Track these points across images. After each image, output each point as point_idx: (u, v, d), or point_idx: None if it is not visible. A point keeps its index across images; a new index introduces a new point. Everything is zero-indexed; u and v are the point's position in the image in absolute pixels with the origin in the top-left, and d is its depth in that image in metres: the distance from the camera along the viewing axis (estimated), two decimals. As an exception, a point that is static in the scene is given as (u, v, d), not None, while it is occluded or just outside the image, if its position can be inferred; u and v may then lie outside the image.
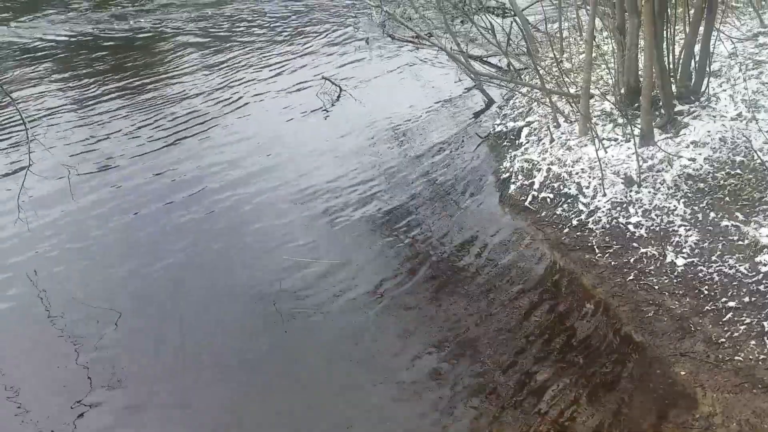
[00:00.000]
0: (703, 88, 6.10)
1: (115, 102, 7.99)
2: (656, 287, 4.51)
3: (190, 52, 10.11)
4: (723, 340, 3.99)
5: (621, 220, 5.17)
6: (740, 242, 4.61)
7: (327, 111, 8.06)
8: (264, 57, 9.88)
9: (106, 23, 11.40)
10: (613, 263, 4.84)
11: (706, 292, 4.35)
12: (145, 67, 9.25)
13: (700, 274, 4.49)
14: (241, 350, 4.34)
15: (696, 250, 4.68)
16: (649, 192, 5.30)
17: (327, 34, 11.05)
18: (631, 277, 4.65)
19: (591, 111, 6.35)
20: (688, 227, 4.89)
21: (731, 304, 4.19)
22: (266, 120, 7.72)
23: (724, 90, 6.20)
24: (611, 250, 4.95)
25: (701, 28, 5.81)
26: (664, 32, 5.83)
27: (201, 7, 12.68)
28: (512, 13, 9.44)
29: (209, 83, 8.85)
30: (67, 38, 10.52)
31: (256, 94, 8.46)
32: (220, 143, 7.16)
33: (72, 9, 12.05)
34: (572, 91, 6.88)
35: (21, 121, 5.04)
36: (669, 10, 5.94)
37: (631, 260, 4.79)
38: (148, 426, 3.80)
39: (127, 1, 12.81)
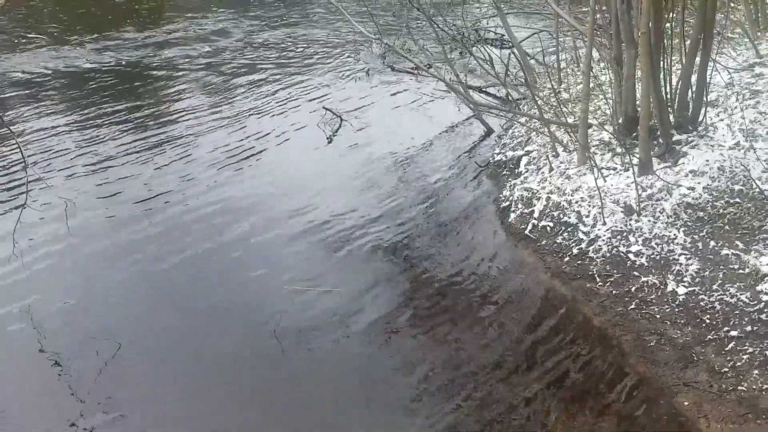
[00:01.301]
0: (700, 118, 6.15)
1: (116, 134, 8.03)
2: (658, 316, 4.49)
3: (192, 82, 10.21)
4: (726, 369, 3.96)
5: (621, 248, 5.17)
6: (741, 271, 4.61)
7: (328, 140, 8.12)
8: (265, 87, 9.99)
9: (107, 55, 11.52)
10: (614, 292, 4.83)
11: (708, 321, 4.34)
12: (147, 101, 9.33)
13: (702, 303, 4.48)
14: (241, 381, 4.31)
15: (697, 279, 4.68)
16: (649, 221, 5.31)
17: (328, 65, 11.18)
18: (632, 306, 4.64)
19: (589, 140, 6.40)
20: (688, 256, 4.89)
21: (733, 333, 4.17)
22: (266, 149, 7.77)
23: (722, 119, 6.26)
24: (612, 279, 4.94)
25: (697, 59, 5.89)
26: (661, 63, 5.91)
27: (203, 39, 12.84)
28: (510, 44, 9.57)
29: (210, 113, 8.93)
30: (67, 70, 10.62)
31: (257, 124, 8.52)
32: (218, 172, 7.19)
33: (72, 41, 12.19)
34: (570, 121, 6.94)
35: (19, 152, 5.06)
36: (665, 41, 6.02)
37: (633, 289, 4.78)
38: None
39: (132, 33, 12.96)
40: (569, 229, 5.60)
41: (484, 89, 9.53)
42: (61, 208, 5.65)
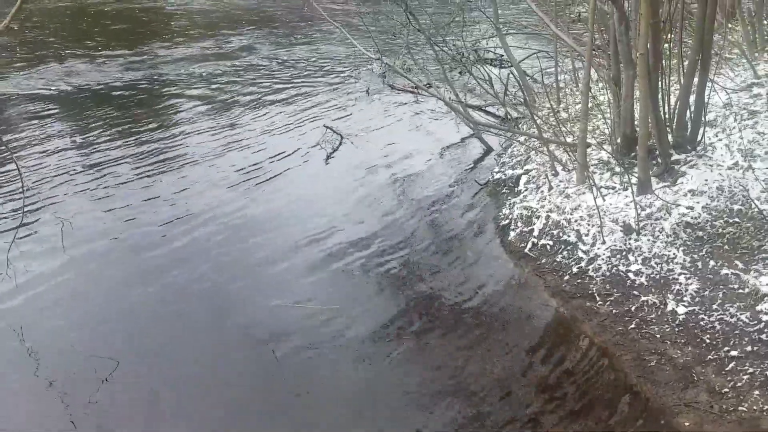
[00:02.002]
0: (699, 138, 6.19)
1: (115, 154, 8.03)
2: (658, 336, 4.48)
3: (193, 102, 10.26)
4: (726, 390, 3.94)
5: (621, 267, 5.17)
6: (741, 291, 4.61)
7: (328, 159, 8.14)
8: (266, 107, 10.05)
9: (111, 74, 11.59)
10: (614, 311, 4.82)
11: (708, 341, 4.32)
12: (148, 121, 9.36)
13: (702, 323, 4.47)
14: (239, 400, 4.28)
15: (697, 299, 4.67)
16: (649, 240, 5.32)
17: (329, 85, 11.26)
18: (632, 326, 4.63)
19: (588, 160, 6.43)
20: (688, 275, 4.89)
21: (733, 353, 4.16)
22: (266, 168, 7.79)
23: (720, 140, 6.29)
24: (612, 298, 4.94)
25: (696, 79, 5.93)
26: (660, 83, 5.96)
27: (204, 59, 12.94)
28: (509, 64, 9.65)
29: (211, 132, 8.97)
30: (68, 90, 10.68)
31: (257, 143, 8.55)
32: (218, 189, 7.20)
33: (74, 61, 12.27)
34: (569, 140, 6.97)
35: (17, 172, 5.06)
36: (663, 62, 6.07)
37: (632, 308, 4.77)
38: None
39: (136, 53, 13.06)
40: (569, 248, 5.60)
41: (483, 108, 9.59)
42: (57, 227, 5.65)
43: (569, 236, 5.70)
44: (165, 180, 7.36)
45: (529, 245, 5.83)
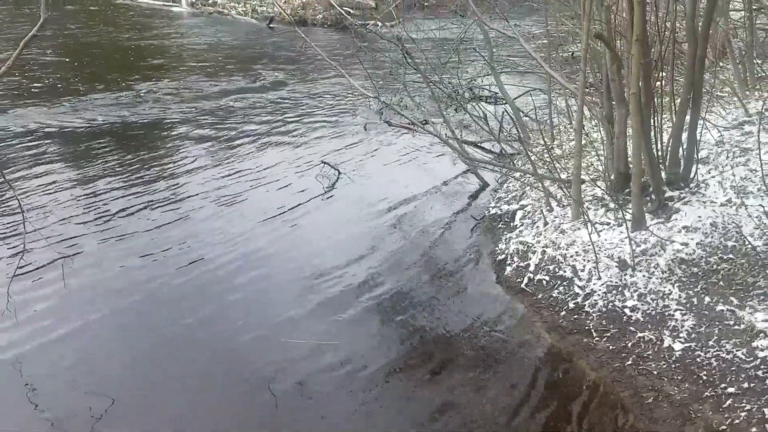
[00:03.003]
0: (692, 175, 6.27)
1: (117, 190, 8.05)
2: (655, 372, 4.48)
3: (193, 138, 10.34)
4: (724, 427, 3.94)
5: (617, 303, 5.20)
6: (736, 327, 4.63)
7: (325, 194, 8.20)
8: (264, 143, 10.13)
9: (110, 111, 11.71)
10: (611, 347, 4.82)
11: (704, 377, 4.33)
12: (147, 157, 9.41)
13: (698, 359, 4.48)
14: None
15: (693, 335, 4.69)
16: (644, 276, 5.35)
17: (326, 121, 11.38)
18: (629, 362, 4.63)
19: (583, 196, 6.50)
20: (683, 311, 4.91)
21: (730, 390, 4.16)
22: (265, 203, 7.83)
23: (713, 176, 6.38)
24: (609, 334, 4.95)
25: (688, 117, 6.04)
26: (652, 121, 6.06)
27: (203, 97, 13.09)
28: (504, 102, 9.81)
29: (210, 168, 9.02)
30: (69, 125, 10.75)
31: (255, 179, 8.60)
32: (215, 225, 7.21)
33: (74, 96, 12.39)
34: (564, 176, 7.05)
35: (18, 206, 5.07)
36: (656, 100, 6.19)
37: (629, 344, 4.78)
38: None
39: (134, 89, 13.21)
40: (565, 283, 5.63)
41: (479, 144, 9.70)
42: (58, 263, 5.63)
43: (565, 271, 5.74)
44: (164, 217, 7.37)
45: (526, 280, 5.85)
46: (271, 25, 22.44)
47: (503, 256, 6.40)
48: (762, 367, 4.25)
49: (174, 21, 23.62)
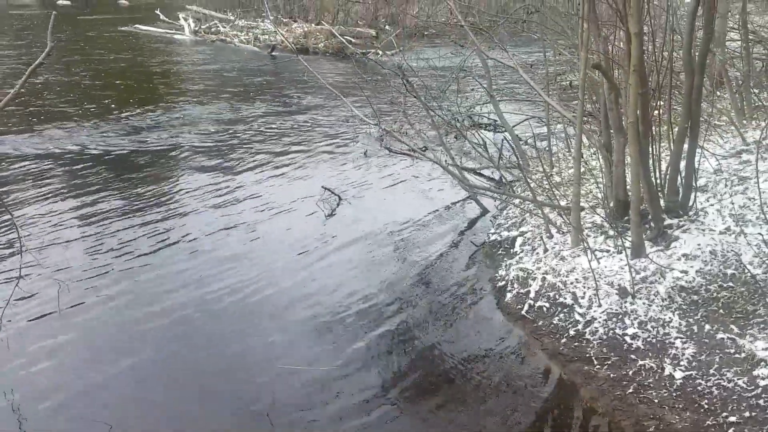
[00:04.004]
0: (690, 203, 6.31)
1: (113, 216, 8.07)
2: (656, 401, 4.46)
3: (193, 164, 10.41)
4: (727, 457, 3.91)
5: (618, 331, 5.19)
6: (737, 355, 4.62)
7: (326, 219, 8.23)
8: (265, 169, 10.20)
9: (112, 137, 11.80)
10: (612, 375, 4.81)
11: (706, 406, 4.31)
12: (147, 183, 9.45)
13: (699, 388, 4.46)
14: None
15: (693, 363, 4.67)
16: (644, 303, 5.35)
17: (327, 147, 11.47)
18: (630, 390, 4.61)
19: (582, 223, 6.52)
20: (684, 339, 4.91)
21: (732, 419, 4.14)
22: (265, 229, 7.86)
23: (712, 204, 6.42)
24: (609, 362, 4.93)
25: (686, 146, 6.10)
26: (650, 149, 6.12)
27: (205, 122, 13.21)
28: (503, 129, 9.91)
29: (211, 194, 9.07)
30: (69, 151, 10.83)
31: (257, 204, 8.64)
32: (215, 251, 7.23)
33: (76, 123, 12.50)
34: (563, 203, 7.09)
35: (14, 232, 5.07)
36: (653, 129, 6.26)
37: (630, 372, 4.77)
38: None
39: (136, 116, 13.32)
40: (565, 310, 5.62)
41: (478, 171, 9.76)
42: (54, 288, 5.63)
43: (565, 298, 5.74)
44: (162, 243, 7.38)
45: (526, 307, 5.85)
46: (273, 54, 22.72)
47: (503, 282, 6.40)
48: (763, 395, 4.23)
49: (177, 49, 23.93)
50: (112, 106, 13.89)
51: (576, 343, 5.25)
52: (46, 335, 5.56)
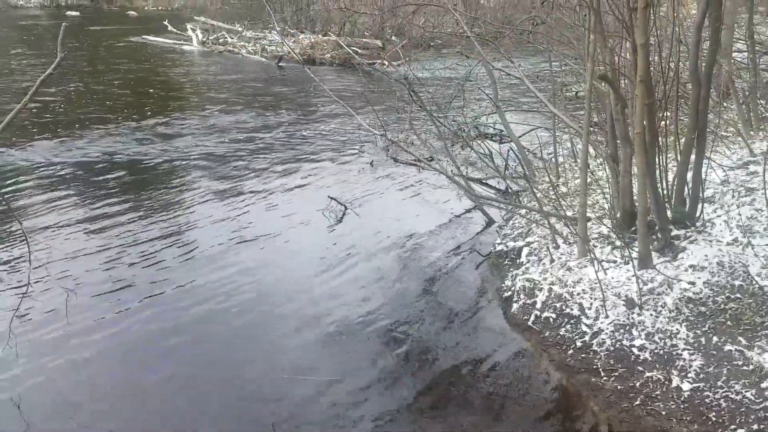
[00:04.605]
0: (697, 214, 6.29)
1: (121, 225, 8.10)
2: (663, 413, 4.44)
3: (201, 173, 10.46)
4: (735, 470, 3.88)
5: (625, 342, 5.17)
6: (745, 367, 4.59)
7: (332, 229, 8.24)
8: (272, 179, 10.23)
9: (120, 146, 11.87)
10: (619, 387, 4.78)
11: (714, 418, 4.28)
12: (155, 192, 9.50)
13: (707, 400, 4.43)
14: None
15: (701, 375, 4.65)
16: (651, 314, 5.33)
17: (333, 158, 11.51)
18: (637, 402, 4.59)
19: (589, 234, 6.51)
20: (691, 351, 4.88)
21: (740, 431, 4.11)
22: (271, 238, 7.87)
23: (719, 216, 6.39)
24: (617, 374, 4.91)
25: (692, 157, 6.09)
26: (657, 160, 6.11)
27: (212, 132, 13.27)
28: (509, 139, 9.91)
29: (218, 203, 9.11)
30: (78, 161, 10.89)
31: (264, 214, 8.68)
32: (222, 261, 7.24)
33: (84, 132, 12.58)
34: (569, 214, 7.08)
35: (24, 241, 5.08)
36: (660, 140, 6.25)
37: (637, 384, 4.74)
38: None
39: (148, 126, 13.40)
40: (572, 321, 5.61)
41: (484, 181, 9.76)
42: (62, 297, 5.64)
43: (572, 309, 5.72)
44: (170, 252, 7.40)
45: (533, 318, 5.83)
46: (280, 64, 22.84)
47: (509, 293, 6.39)
48: (772, 408, 4.20)
49: (185, 59, 24.08)
50: (121, 116, 13.98)
51: (583, 355, 5.23)
52: (53, 344, 5.57)
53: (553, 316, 5.76)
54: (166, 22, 30.32)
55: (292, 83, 19.22)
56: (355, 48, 20.68)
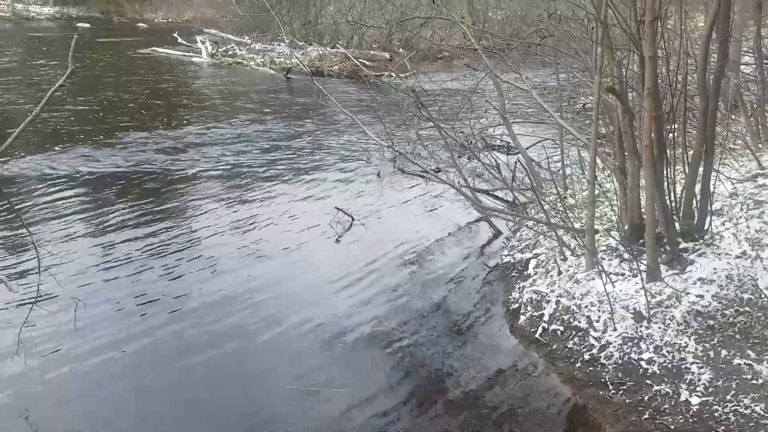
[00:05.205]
0: (706, 227, 6.26)
1: (130, 235, 8.14)
2: (672, 427, 4.40)
3: (208, 183, 10.52)
4: (746, 485, 3.84)
5: (633, 355, 5.13)
6: (754, 381, 4.56)
7: (339, 240, 8.25)
8: (280, 190, 10.28)
9: (129, 156, 11.95)
10: (627, 401, 4.75)
11: (723, 433, 4.24)
12: (164, 202, 9.54)
13: (716, 414, 4.40)
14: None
15: (710, 389, 4.61)
16: (660, 328, 5.30)
17: (340, 168, 11.55)
18: (646, 416, 4.55)
19: (597, 246, 6.49)
20: (700, 365, 4.85)
21: (750, 446, 4.08)
22: (278, 248, 7.89)
23: (727, 228, 6.36)
24: (625, 387, 4.88)
25: (701, 169, 6.07)
26: (665, 173, 6.09)
27: (219, 143, 13.35)
28: (516, 151, 9.91)
29: (226, 213, 9.15)
30: (87, 172, 10.96)
31: (271, 224, 8.70)
32: (230, 271, 7.26)
33: (94, 143, 12.68)
34: (577, 226, 7.06)
35: (34, 251, 5.10)
36: (668, 152, 6.24)
37: (646, 398, 4.71)
38: None
39: (148, 136, 13.49)
40: (580, 334, 5.58)
41: (491, 193, 9.76)
42: (71, 308, 5.65)
43: (580, 322, 5.69)
44: (178, 262, 7.43)
45: (540, 330, 5.81)
46: (288, 76, 22.97)
47: (517, 305, 6.37)
48: (782, 423, 4.16)
49: (195, 71, 24.26)
50: (130, 128, 14.07)
51: (591, 368, 5.20)
52: (61, 354, 5.59)
53: (561, 328, 5.73)
54: (175, 34, 30.57)
55: (300, 95, 19.32)
56: (362, 60, 20.78)
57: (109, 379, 5.34)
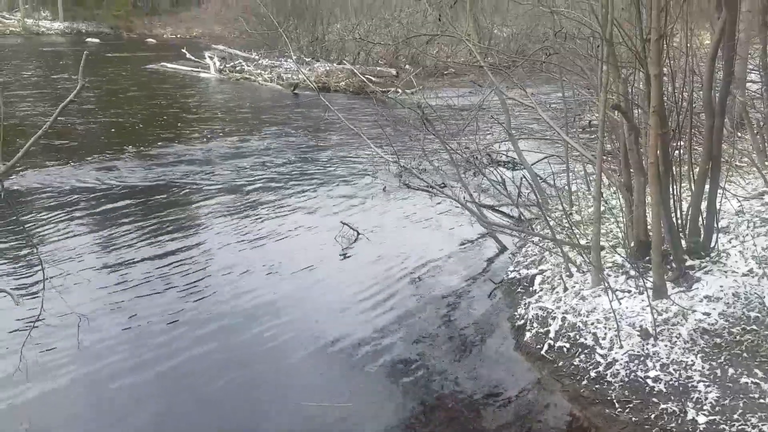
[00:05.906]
0: (712, 244, 6.24)
1: (135, 251, 8.16)
2: (679, 446, 4.36)
3: (214, 198, 10.57)
4: (754, 506, 3.79)
5: (639, 373, 5.10)
6: (761, 400, 4.52)
7: (344, 254, 8.26)
8: (286, 204, 10.33)
9: (136, 172, 12.02)
10: (634, 419, 4.72)
11: (731, 452, 4.20)
12: (170, 218, 9.56)
13: (724, 434, 4.36)
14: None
15: (717, 408, 4.57)
16: (666, 345, 5.27)
17: (346, 183, 11.59)
18: (652, 435, 4.52)
19: (602, 263, 6.47)
20: (707, 383, 4.81)
21: (759, 466, 4.03)
22: (284, 262, 7.90)
23: (734, 246, 6.34)
24: (631, 405, 4.84)
25: (707, 187, 6.07)
26: (671, 190, 6.09)
27: (226, 157, 13.43)
28: (522, 167, 9.93)
29: (231, 227, 9.18)
30: (94, 187, 11.04)
31: (277, 239, 8.73)
32: (234, 285, 7.27)
33: (101, 158, 12.76)
34: (583, 242, 7.05)
35: (39, 264, 5.10)
36: (674, 169, 6.24)
37: (652, 416, 4.67)
38: None
39: (160, 152, 13.58)
40: (586, 351, 5.55)
41: (497, 208, 9.77)
42: (74, 322, 5.66)
43: (586, 339, 5.67)
44: (183, 277, 7.44)
45: (546, 347, 5.78)
46: (295, 92, 23.13)
47: (522, 321, 6.35)
48: (791, 443, 4.12)
49: (203, 86, 24.47)
50: (138, 142, 14.17)
51: (597, 386, 5.17)
52: (64, 367, 5.60)
53: (567, 345, 5.71)
54: (184, 50, 30.87)
55: (307, 110, 19.44)
56: (369, 76, 20.90)
57: (110, 393, 5.33)
